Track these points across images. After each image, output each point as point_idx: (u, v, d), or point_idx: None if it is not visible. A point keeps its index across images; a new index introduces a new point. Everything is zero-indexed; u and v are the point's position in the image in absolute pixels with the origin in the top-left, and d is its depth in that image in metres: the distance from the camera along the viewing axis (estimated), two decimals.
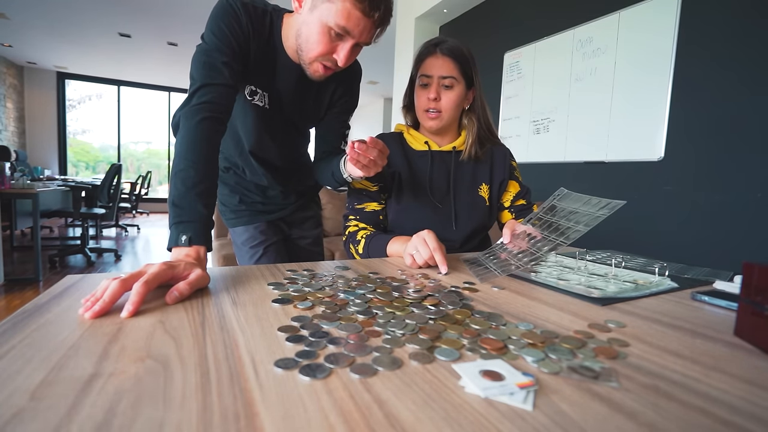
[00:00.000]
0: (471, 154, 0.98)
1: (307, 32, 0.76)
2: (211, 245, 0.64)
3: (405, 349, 0.37)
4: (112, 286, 0.44)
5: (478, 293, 0.58)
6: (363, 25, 0.73)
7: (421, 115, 0.97)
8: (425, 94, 0.94)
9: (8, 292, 2.65)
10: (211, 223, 0.66)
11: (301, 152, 1.10)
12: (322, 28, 0.74)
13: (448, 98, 0.93)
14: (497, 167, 1.03)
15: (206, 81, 0.75)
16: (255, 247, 1.05)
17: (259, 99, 0.90)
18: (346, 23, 0.72)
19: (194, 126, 0.70)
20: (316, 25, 0.74)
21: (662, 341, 0.42)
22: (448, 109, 0.94)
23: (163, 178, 8.87)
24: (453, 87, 0.93)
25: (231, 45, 0.78)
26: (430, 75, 0.93)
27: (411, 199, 0.98)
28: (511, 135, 2.85)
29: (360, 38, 0.75)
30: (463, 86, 0.94)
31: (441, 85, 0.93)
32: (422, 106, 0.95)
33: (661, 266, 0.79)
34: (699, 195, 1.80)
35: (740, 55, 1.66)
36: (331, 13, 0.71)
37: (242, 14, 0.79)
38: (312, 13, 0.74)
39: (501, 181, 1.03)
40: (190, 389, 0.28)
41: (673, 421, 0.27)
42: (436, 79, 0.92)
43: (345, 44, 0.76)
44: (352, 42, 0.75)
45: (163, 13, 4.60)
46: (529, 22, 2.73)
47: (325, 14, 0.72)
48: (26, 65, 7.16)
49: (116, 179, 3.76)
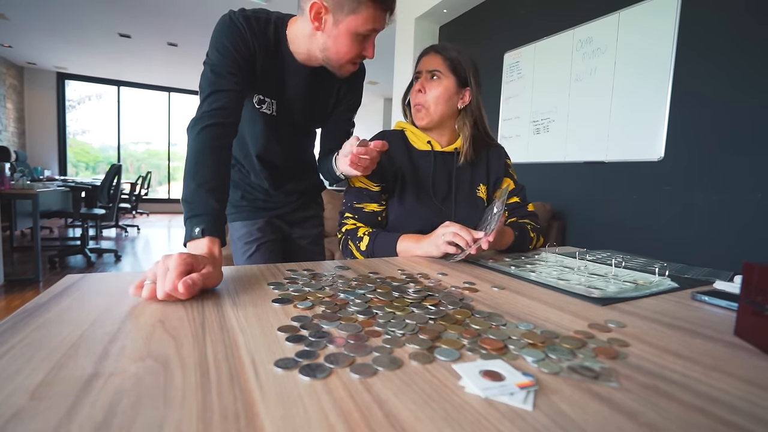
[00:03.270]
0: (466, 157, 0.99)
1: (336, 45, 0.81)
2: (224, 239, 0.65)
3: (405, 349, 0.37)
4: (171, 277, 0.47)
5: (478, 293, 0.58)
6: (383, 19, 0.80)
7: (412, 111, 1.00)
8: (414, 89, 0.98)
9: (8, 292, 2.65)
10: (224, 218, 0.68)
11: (307, 152, 1.12)
12: (351, 38, 0.79)
13: (433, 91, 0.95)
14: (493, 166, 1.04)
15: (215, 88, 0.77)
16: (249, 243, 1.06)
17: (267, 107, 0.92)
18: (374, 25, 0.79)
19: (202, 131, 0.73)
20: (344, 36, 0.79)
21: (662, 341, 0.42)
22: (432, 103, 0.95)
23: (163, 178, 8.87)
24: (439, 80, 0.95)
25: (236, 60, 0.80)
26: (420, 71, 0.97)
27: (413, 201, 0.98)
28: (511, 135, 2.85)
29: (381, 29, 0.81)
30: (452, 82, 0.95)
31: (426, 78, 0.96)
32: (411, 101, 1.00)
33: (661, 266, 0.79)
34: (699, 195, 1.80)
35: (740, 55, 1.66)
36: (359, 23, 0.77)
37: (245, 29, 0.81)
38: (337, 27, 0.78)
39: (496, 179, 1.04)
40: (190, 389, 0.28)
41: (673, 421, 0.27)
42: (423, 74, 0.96)
43: (370, 40, 0.82)
44: (375, 35, 0.82)
45: (163, 14, 4.60)
46: (529, 22, 2.73)
47: (353, 25, 0.77)
48: (26, 66, 7.16)
49: (116, 180, 3.76)
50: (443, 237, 0.78)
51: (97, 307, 0.45)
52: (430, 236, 0.83)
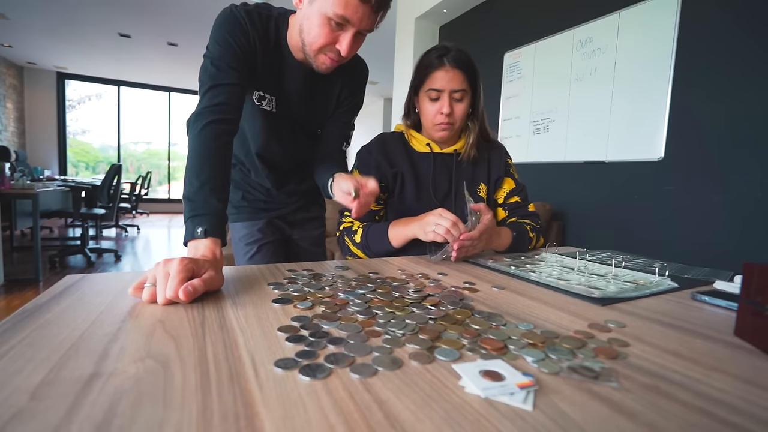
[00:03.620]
0: (469, 156, 0.99)
1: (308, 25, 0.77)
2: (225, 239, 0.64)
3: (405, 349, 0.37)
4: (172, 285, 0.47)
5: (478, 293, 0.58)
6: (362, 12, 0.72)
7: (431, 127, 0.97)
8: (436, 108, 0.93)
9: (8, 292, 2.65)
10: (225, 218, 0.67)
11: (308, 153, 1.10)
12: (322, 19, 0.74)
13: (460, 110, 0.93)
14: (494, 166, 1.04)
15: (215, 82, 0.76)
16: (250, 244, 1.06)
17: (267, 104, 0.91)
18: (345, 11, 0.71)
19: (204, 128, 0.72)
20: (316, 17, 0.74)
21: (662, 341, 0.42)
22: (459, 120, 0.94)
23: (163, 178, 8.87)
24: (463, 99, 0.93)
25: (236, 53, 0.79)
26: (440, 89, 0.91)
27: (414, 200, 0.98)
28: (511, 135, 2.85)
29: (360, 25, 0.74)
30: (470, 95, 0.95)
31: (452, 99, 0.92)
32: (433, 120, 0.95)
33: (661, 266, 0.79)
34: (699, 195, 1.80)
35: (740, 55, 1.66)
36: (329, 3, 0.71)
37: (246, 22, 0.80)
38: (311, 5, 0.74)
39: (497, 178, 1.04)
40: (190, 389, 0.28)
41: (673, 421, 0.27)
42: (447, 93, 0.91)
43: (346, 33, 0.75)
44: (353, 30, 0.75)
45: (163, 13, 4.60)
46: (529, 22, 2.72)
47: (323, 5, 0.72)
48: (26, 65, 7.16)
49: (116, 179, 3.76)
50: (434, 228, 0.78)
51: (97, 307, 0.45)
52: (421, 219, 0.82)
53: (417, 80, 0.96)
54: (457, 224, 0.76)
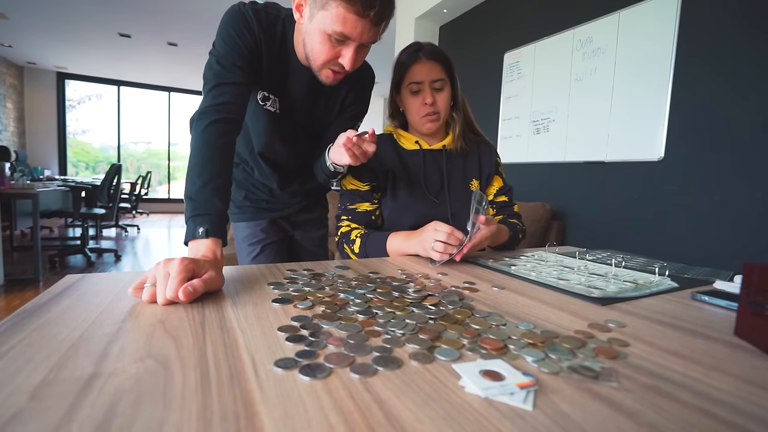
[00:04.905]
0: (458, 148, 1.01)
1: (310, 41, 0.76)
2: (226, 240, 0.64)
3: (405, 349, 0.37)
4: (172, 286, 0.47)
5: (478, 293, 0.58)
6: (361, 27, 0.71)
7: (417, 120, 0.98)
8: (419, 100, 0.96)
9: (8, 292, 2.65)
10: (227, 218, 0.67)
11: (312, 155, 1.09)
12: (322, 36, 0.73)
13: (442, 99, 0.97)
14: (485, 162, 1.06)
15: (219, 80, 0.76)
16: (253, 244, 1.06)
17: (271, 104, 0.91)
18: (343, 28, 0.70)
19: (207, 127, 0.72)
20: (316, 33, 0.74)
21: (662, 341, 0.42)
22: (443, 109, 0.97)
23: (163, 178, 8.87)
24: (443, 89, 0.96)
25: (242, 52, 0.78)
26: (420, 81, 0.94)
27: (407, 196, 0.99)
28: (511, 135, 2.85)
29: (362, 39, 0.73)
30: (449, 86, 0.98)
31: (432, 89, 0.95)
32: (419, 112, 0.97)
33: (661, 266, 0.79)
34: (699, 195, 1.80)
35: (740, 55, 1.66)
36: (327, 21, 0.70)
37: (254, 21, 0.79)
38: (311, 22, 0.74)
39: (488, 175, 1.06)
40: (190, 389, 0.28)
41: (673, 421, 0.27)
42: (427, 84, 0.95)
43: (348, 48, 0.74)
44: (354, 45, 0.74)
45: (163, 13, 4.60)
46: (529, 22, 2.72)
47: (322, 22, 0.71)
48: (26, 65, 7.16)
49: (116, 179, 3.76)
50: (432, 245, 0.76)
51: (97, 307, 0.45)
52: (419, 235, 0.81)
53: (397, 78, 0.99)
54: (453, 233, 0.74)
